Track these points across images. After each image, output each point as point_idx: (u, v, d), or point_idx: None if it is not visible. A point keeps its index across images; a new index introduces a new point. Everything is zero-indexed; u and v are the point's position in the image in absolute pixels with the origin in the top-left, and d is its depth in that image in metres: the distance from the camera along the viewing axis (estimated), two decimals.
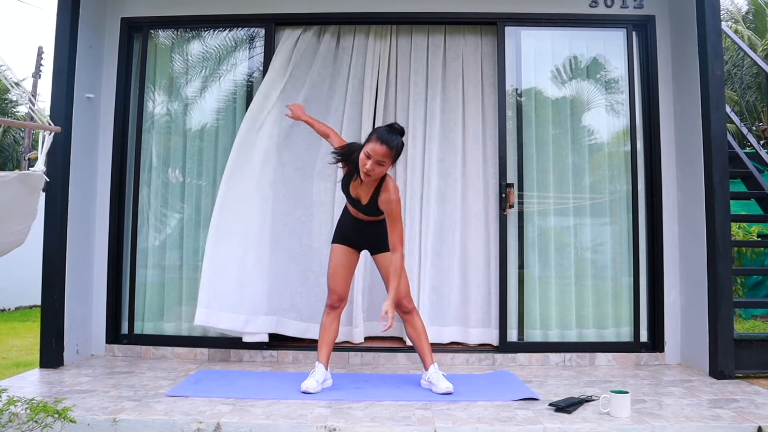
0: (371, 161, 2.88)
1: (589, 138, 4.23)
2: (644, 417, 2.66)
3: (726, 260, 3.53)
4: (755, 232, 7.02)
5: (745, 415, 2.71)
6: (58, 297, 3.69)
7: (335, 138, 3.37)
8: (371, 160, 2.88)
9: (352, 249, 3.24)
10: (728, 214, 3.58)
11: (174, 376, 3.45)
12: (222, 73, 4.33)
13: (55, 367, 3.64)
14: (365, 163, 2.90)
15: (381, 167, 2.92)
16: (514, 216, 4.08)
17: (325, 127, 3.48)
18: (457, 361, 3.91)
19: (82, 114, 3.91)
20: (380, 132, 2.94)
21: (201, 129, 4.31)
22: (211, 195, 4.20)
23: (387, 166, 2.94)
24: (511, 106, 4.15)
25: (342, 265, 3.22)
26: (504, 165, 4.03)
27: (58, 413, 2.17)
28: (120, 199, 4.14)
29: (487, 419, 2.62)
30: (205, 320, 3.71)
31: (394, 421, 2.59)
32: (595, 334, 4.03)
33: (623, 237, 4.09)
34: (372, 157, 2.88)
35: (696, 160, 3.74)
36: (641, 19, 4.12)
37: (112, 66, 4.18)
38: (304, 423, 2.55)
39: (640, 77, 4.14)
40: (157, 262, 4.19)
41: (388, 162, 2.93)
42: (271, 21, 4.17)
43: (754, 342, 3.74)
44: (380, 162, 2.89)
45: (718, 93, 3.62)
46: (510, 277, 4.02)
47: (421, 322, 3.25)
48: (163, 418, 2.59)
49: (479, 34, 4.26)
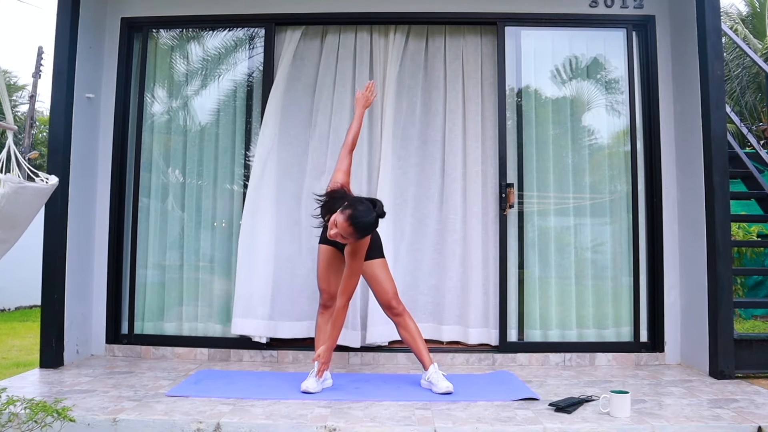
0: (335, 231, 2.85)
1: (589, 138, 4.23)
2: (644, 417, 2.66)
3: (726, 260, 3.53)
4: (755, 232, 7.03)
5: (745, 415, 2.71)
6: (58, 297, 3.69)
7: (344, 167, 3.28)
8: (336, 230, 2.85)
9: (336, 249, 3.25)
10: (728, 214, 3.58)
11: (174, 376, 3.45)
12: (222, 73, 4.33)
13: (55, 367, 3.64)
14: (332, 228, 2.87)
15: (344, 240, 2.89)
16: (514, 216, 4.08)
17: (353, 141, 3.36)
18: (457, 361, 3.91)
19: (82, 114, 3.91)
20: (355, 209, 2.83)
21: (201, 129, 4.31)
22: (211, 195, 4.21)
23: (350, 240, 2.88)
24: (511, 106, 4.15)
25: (329, 264, 3.26)
26: (504, 165, 4.03)
27: (58, 413, 2.17)
28: (120, 199, 4.14)
29: (487, 419, 2.62)
30: (240, 329, 3.84)
31: (394, 421, 2.59)
32: (595, 334, 4.03)
33: (623, 237, 4.09)
34: (337, 230, 2.84)
35: (696, 160, 3.74)
36: (641, 19, 4.12)
37: (112, 66, 4.18)
38: (304, 423, 2.55)
39: (640, 77, 4.14)
40: (157, 262, 4.19)
41: (351, 241, 2.90)
42: (271, 21, 4.17)
43: (754, 342, 3.74)
44: (344, 237, 2.86)
45: (718, 93, 3.62)
46: (510, 277, 4.02)
47: (413, 323, 3.24)
48: (163, 418, 2.59)
49: (479, 34, 4.25)
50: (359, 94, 3.51)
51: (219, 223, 4.22)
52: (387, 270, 3.26)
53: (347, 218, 2.81)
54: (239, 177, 4.19)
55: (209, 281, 4.17)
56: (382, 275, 3.22)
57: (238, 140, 4.22)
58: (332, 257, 3.27)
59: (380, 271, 3.22)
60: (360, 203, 2.88)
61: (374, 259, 3.21)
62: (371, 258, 3.20)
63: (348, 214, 2.82)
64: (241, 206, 4.12)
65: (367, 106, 3.52)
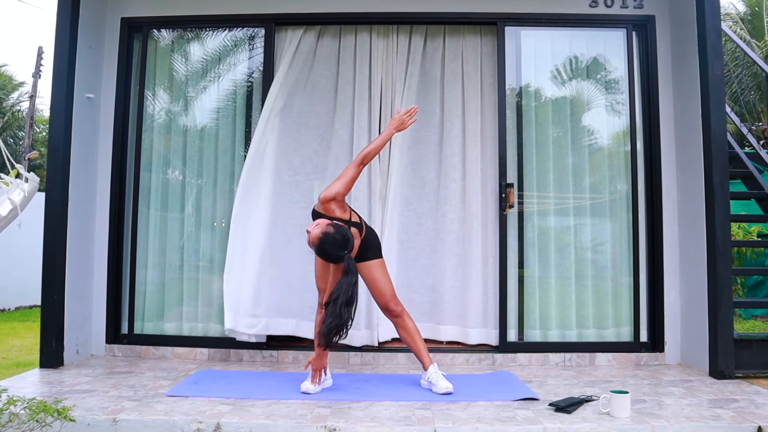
0: (308, 237, 2.99)
1: (589, 138, 4.23)
2: (644, 417, 2.66)
3: (726, 260, 3.53)
4: (755, 232, 7.04)
5: (745, 415, 2.71)
6: (58, 297, 3.69)
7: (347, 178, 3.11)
8: (309, 235, 2.98)
9: None
10: (728, 214, 3.58)
11: (174, 376, 3.45)
12: (222, 73, 4.33)
13: (55, 367, 3.64)
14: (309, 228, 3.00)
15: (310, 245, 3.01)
16: (514, 216, 4.08)
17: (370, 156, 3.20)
18: (457, 361, 3.91)
19: (82, 114, 3.91)
20: (333, 233, 2.94)
21: (201, 129, 4.31)
22: (211, 195, 4.21)
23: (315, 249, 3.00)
24: (511, 106, 4.15)
25: (325, 264, 3.20)
26: (504, 165, 4.03)
27: (58, 413, 2.18)
28: (120, 199, 4.14)
29: (487, 419, 2.62)
30: (233, 325, 3.79)
31: (394, 421, 2.59)
32: (595, 334, 4.03)
33: (623, 237, 4.09)
34: (309, 235, 2.97)
35: (696, 160, 3.74)
36: (641, 19, 4.12)
37: (112, 66, 4.18)
38: (304, 423, 2.55)
39: (640, 77, 4.14)
40: (157, 262, 4.19)
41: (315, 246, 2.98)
42: (271, 21, 4.17)
43: (754, 342, 3.75)
44: (309, 243, 2.99)
45: (718, 93, 3.62)
46: (510, 277, 4.02)
47: (412, 324, 3.23)
48: (163, 418, 2.59)
49: (479, 34, 4.25)
50: (398, 114, 3.23)
51: (219, 223, 4.22)
52: (385, 271, 3.24)
53: (320, 234, 2.93)
54: (239, 177, 4.18)
55: (209, 281, 4.16)
56: (380, 277, 3.20)
57: (238, 140, 4.22)
58: None
59: (378, 273, 3.20)
60: (341, 233, 2.95)
61: (372, 260, 3.20)
62: (369, 259, 3.19)
63: (323, 232, 2.94)
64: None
65: (401, 129, 3.23)
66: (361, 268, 3.18)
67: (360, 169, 3.13)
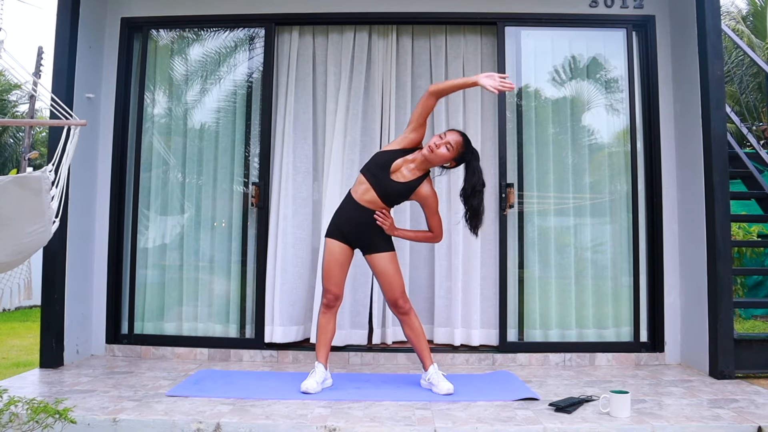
0: (443, 142, 3.03)
1: (589, 138, 4.23)
2: (644, 417, 2.66)
3: (726, 260, 3.53)
4: (755, 232, 7.04)
5: (745, 415, 2.71)
6: (58, 297, 3.69)
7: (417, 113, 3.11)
8: (443, 141, 3.03)
9: (346, 245, 3.16)
10: (728, 214, 3.58)
11: (174, 376, 3.45)
12: (222, 73, 4.33)
13: (55, 367, 3.64)
14: (435, 141, 3.04)
15: (444, 154, 3.03)
16: (514, 216, 4.08)
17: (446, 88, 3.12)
18: (457, 361, 3.91)
19: (82, 114, 3.89)
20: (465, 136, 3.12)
21: (201, 129, 4.31)
22: (211, 195, 4.21)
23: (451, 154, 3.05)
24: (511, 106, 4.15)
25: (336, 262, 3.15)
26: (504, 165, 4.03)
27: (59, 413, 2.18)
28: (120, 199, 4.14)
29: (487, 419, 2.62)
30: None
31: (394, 421, 2.59)
32: (595, 334, 4.03)
33: (623, 237, 4.09)
34: (444, 138, 3.04)
35: (696, 160, 3.74)
36: (641, 19, 4.12)
37: (112, 66, 4.18)
38: (304, 423, 2.55)
39: (640, 77, 4.14)
40: (157, 262, 4.19)
41: (453, 152, 3.04)
42: (271, 21, 4.17)
43: (754, 342, 3.75)
44: (448, 147, 3.03)
45: (718, 93, 3.62)
46: (510, 277, 4.02)
47: (418, 323, 3.22)
48: (163, 418, 2.59)
49: (479, 34, 4.26)
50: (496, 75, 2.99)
51: (219, 223, 4.22)
52: (396, 264, 3.17)
53: (459, 133, 3.09)
54: (239, 177, 4.19)
55: (209, 281, 4.17)
56: (392, 270, 3.14)
57: (238, 140, 4.22)
58: (342, 255, 3.15)
59: (390, 266, 3.14)
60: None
61: (384, 252, 3.14)
62: (381, 250, 3.13)
63: (459, 133, 3.09)
64: (240, 206, 4.13)
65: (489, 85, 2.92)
66: (372, 259, 3.15)
67: (434, 102, 3.09)
